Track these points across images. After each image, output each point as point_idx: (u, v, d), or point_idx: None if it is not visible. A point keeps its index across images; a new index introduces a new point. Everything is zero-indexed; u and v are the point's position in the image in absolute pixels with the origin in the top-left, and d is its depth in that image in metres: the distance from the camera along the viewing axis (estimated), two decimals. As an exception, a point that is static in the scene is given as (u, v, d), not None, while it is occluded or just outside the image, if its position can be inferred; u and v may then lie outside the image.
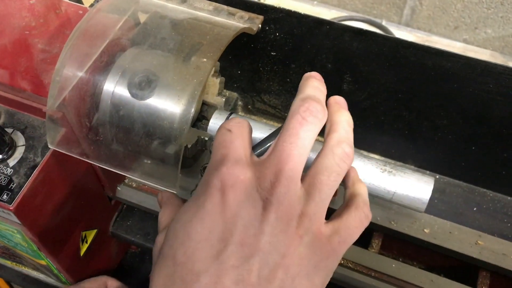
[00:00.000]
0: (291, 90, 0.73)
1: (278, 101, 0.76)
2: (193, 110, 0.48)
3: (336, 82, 0.68)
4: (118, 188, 0.67)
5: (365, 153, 0.76)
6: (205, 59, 0.47)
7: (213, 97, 0.55)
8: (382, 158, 0.75)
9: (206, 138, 0.53)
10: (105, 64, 0.52)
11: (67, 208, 0.58)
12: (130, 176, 0.52)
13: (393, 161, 0.74)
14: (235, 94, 0.77)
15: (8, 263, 0.71)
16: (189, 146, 0.52)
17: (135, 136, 0.50)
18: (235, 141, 0.38)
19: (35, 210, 0.52)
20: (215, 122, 0.54)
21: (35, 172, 0.51)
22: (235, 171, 0.35)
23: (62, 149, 0.51)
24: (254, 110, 0.80)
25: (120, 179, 0.67)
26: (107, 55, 0.53)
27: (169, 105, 0.49)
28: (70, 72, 0.50)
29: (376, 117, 0.71)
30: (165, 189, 0.48)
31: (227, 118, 0.54)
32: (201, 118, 0.57)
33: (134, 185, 0.68)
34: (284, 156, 0.36)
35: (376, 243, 0.66)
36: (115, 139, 0.50)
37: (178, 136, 0.49)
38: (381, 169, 0.50)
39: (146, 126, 0.50)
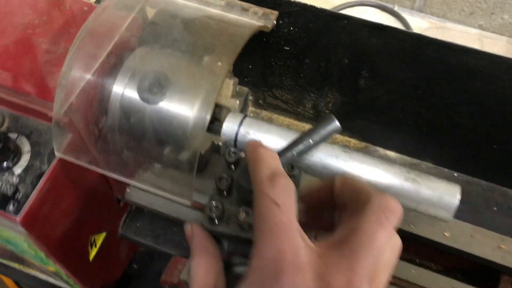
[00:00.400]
0: (304, 85, 0.70)
1: (290, 96, 0.73)
2: (208, 117, 0.45)
3: (352, 77, 0.65)
4: (127, 190, 0.65)
5: (383, 150, 0.74)
6: (219, 63, 0.44)
7: (226, 99, 0.52)
8: (401, 155, 0.73)
9: (220, 143, 0.50)
10: (113, 65, 0.49)
11: (75, 214, 0.56)
12: (142, 186, 0.50)
13: (414, 161, 0.71)
14: (245, 89, 0.74)
15: (16, 265, 0.70)
16: (203, 152, 0.50)
17: (147, 144, 0.48)
18: (288, 223, 0.33)
19: (42, 219, 0.50)
20: (228, 125, 0.51)
21: (42, 181, 0.49)
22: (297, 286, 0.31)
23: (69, 157, 0.48)
24: (265, 105, 0.77)
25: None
26: (114, 55, 0.50)
27: (182, 112, 0.46)
28: (76, 76, 0.47)
29: (393, 114, 0.68)
30: (179, 199, 0.46)
31: (241, 123, 0.51)
32: (213, 120, 0.55)
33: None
34: (359, 268, 0.32)
35: (393, 245, 0.64)
36: (125, 146, 0.48)
37: (191, 145, 0.46)
38: (405, 176, 0.48)
39: (157, 133, 0.47)
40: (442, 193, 0.47)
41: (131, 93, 0.48)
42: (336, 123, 0.43)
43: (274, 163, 0.38)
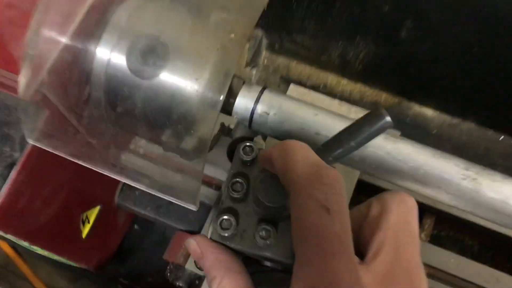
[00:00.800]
0: (332, 32, 0.59)
1: (313, 42, 0.62)
2: (222, 97, 0.35)
3: (392, 28, 0.54)
4: (123, 157, 0.56)
5: (419, 107, 0.63)
6: (232, 35, 0.33)
7: (240, 69, 0.41)
8: (439, 113, 0.63)
9: (232, 126, 0.41)
10: (95, 25, 0.38)
11: (61, 196, 0.48)
12: (138, 187, 0.41)
13: (454, 120, 0.62)
14: (259, 33, 0.63)
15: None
16: (211, 138, 0.40)
17: (141, 130, 0.38)
18: (341, 234, 0.26)
19: (18, 214, 0.42)
20: (242, 102, 0.41)
21: (14, 172, 0.40)
22: None
23: (44, 145, 0.39)
24: (282, 50, 0.66)
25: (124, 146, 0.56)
26: (96, 12, 0.39)
27: (185, 89, 0.36)
28: (47, 43, 0.37)
29: (436, 70, 0.58)
30: (183, 204, 0.37)
31: (258, 98, 0.41)
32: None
33: (141, 152, 0.57)
34: (415, 269, 0.28)
35: (428, 223, 0.57)
36: (114, 133, 0.39)
37: (198, 132, 0.37)
38: (462, 175, 0.38)
39: (153, 116, 0.37)
40: (508, 197, 0.38)
41: (119, 60, 0.38)
42: (387, 120, 0.33)
43: (312, 153, 0.30)
